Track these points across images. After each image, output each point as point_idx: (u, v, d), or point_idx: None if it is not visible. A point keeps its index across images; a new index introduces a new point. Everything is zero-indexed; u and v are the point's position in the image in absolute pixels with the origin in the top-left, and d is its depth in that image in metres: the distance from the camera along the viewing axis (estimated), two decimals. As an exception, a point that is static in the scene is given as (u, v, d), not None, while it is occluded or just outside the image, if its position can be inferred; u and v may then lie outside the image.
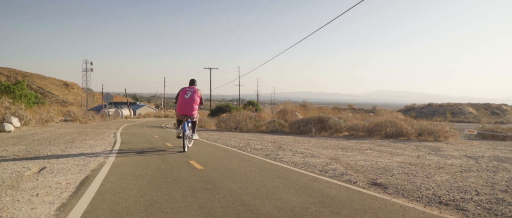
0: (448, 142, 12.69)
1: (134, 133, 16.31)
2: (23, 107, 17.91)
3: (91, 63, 63.91)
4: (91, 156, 7.72)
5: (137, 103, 68.82)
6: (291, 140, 13.12)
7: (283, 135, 16.82)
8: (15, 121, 16.76)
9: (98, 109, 53.19)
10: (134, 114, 57.92)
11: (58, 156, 7.60)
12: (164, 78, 71.46)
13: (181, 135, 8.94)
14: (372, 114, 21.74)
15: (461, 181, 5.63)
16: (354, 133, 16.39)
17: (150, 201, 4.02)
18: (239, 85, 49.57)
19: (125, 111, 57.81)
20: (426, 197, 4.58)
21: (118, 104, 65.22)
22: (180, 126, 8.91)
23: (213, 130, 20.09)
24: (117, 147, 9.77)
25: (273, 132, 18.91)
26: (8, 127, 14.54)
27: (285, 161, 7.54)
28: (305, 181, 5.41)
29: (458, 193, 4.78)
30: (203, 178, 5.47)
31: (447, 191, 4.92)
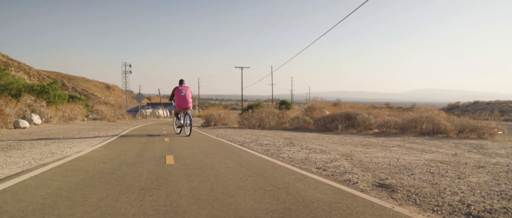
0: (494, 140, 10.71)
1: (147, 128, 15.74)
2: (44, 104, 17.93)
3: (130, 66, 65.71)
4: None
5: (173, 103, 69.73)
6: (310, 137, 11.76)
7: (307, 132, 15.43)
8: (36, 118, 16.76)
9: (136, 110, 54.30)
10: (169, 114, 58.52)
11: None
12: (198, 78, 72.00)
13: (181, 125, 11.29)
14: (411, 112, 19.72)
15: (505, 183, 4.10)
16: (386, 130, 14.64)
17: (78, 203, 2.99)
18: (272, 85, 48.41)
19: (161, 111, 58.71)
20: (449, 205, 3.18)
21: (155, 105, 66.45)
22: (180, 117, 11.34)
23: (234, 127, 19.08)
24: (107, 141, 8.99)
25: (297, 129, 17.55)
26: (23, 123, 14.43)
27: (282, 158, 6.30)
28: (287, 180, 4.17)
29: (498, 200, 3.32)
30: (159, 175, 4.40)
31: (483, 197, 3.46)
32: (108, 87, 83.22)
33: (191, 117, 11.07)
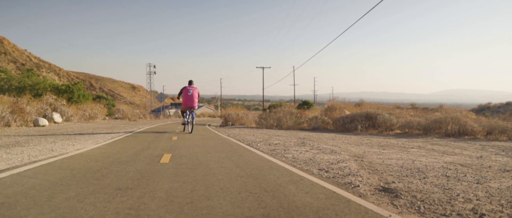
0: (528, 142, 9.85)
1: (163, 127, 15.69)
2: (65, 103, 18.26)
3: (154, 67, 66.78)
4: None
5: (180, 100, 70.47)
6: (326, 137, 11.26)
7: (325, 132, 14.90)
8: (57, 116, 17.06)
9: (160, 110, 55.09)
10: (192, 114, 59.21)
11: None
12: (220, 79, 72.25)
13: (185, 122, 12.00)
14: (438, 113, 18.73)
15: (531, 190, 3.56)
16: (408, 131, 13.90)
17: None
18: (294, 85, 47.79)
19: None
20: (458, 214, 2.73)
21: (178, 105, 67.28)
22: (185, 115, 11.92)
23: (251, 127, 18.76)
24: (118, 138, 8.87)
25: (315, 129, 17.03)
26: (42, 121, 14.69)
27: (285, 158, 5.91)
28: (280, 182, 3.80)
29: (520, 211, 2.82)
30: (145, 174, 4.13)
31: (501, 205, 2.97)
32: (133, 87, 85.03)
33: (194, 116, 11.98)
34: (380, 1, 12.25)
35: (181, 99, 12.04)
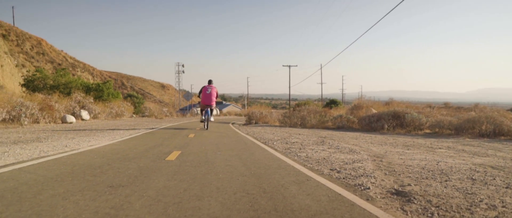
0: None
1: (186, 124, 15.75)
2: (92, 101, 18.73)
3: (183, 66, 67.80)
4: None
5: (223, 102, 70.84)
6: (349, 136, 10.82)
7: (349, 131, 14.40)
8: (85, 114, 17.53)
9: (188, 108, 55.83)
10: (219, 112, 59.56)
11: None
12: (247, 78, 72.25)
13: (204, 120, 12.49)
14: (473, 113, 17.67)
15: None
16: (438, 131, 13.15)
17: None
18: (321, 83, 46.92)
19: (213, 111, 59.82)
20: (478, 224, 2.36)
21: (206, 104, 67.98)
22: (204, 113, 12.46)
23: (274, 126, 18.48)
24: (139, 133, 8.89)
25: (339, 128, 16.51)
26: (70, 118, 15.10)
27: (298, 157, 5.62)
28: (283, 182, 3.54)
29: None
30: (145, 172, 3.99)
31: (531, 215, 2.56)
32: (163, 86, 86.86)
33: (209, 114, 12.53)
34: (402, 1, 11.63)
35: (200, 98, 12.63)
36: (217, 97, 12.56)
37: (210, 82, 12.63)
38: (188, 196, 2.90)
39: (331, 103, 38.19)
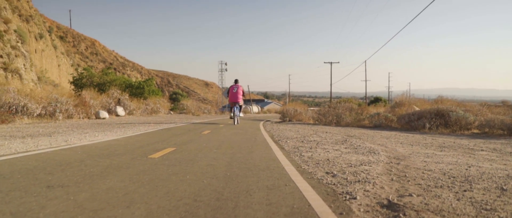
0: None
1: (217, 119, 15.55)
2: (127, 97, 19.13)
3: (226, 64, 68.50)
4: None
5: (265, 100, 70.70)
6: (380, 136, 9.87)
7: (386, 130, 13.30)
8: (120, 110, 17.94)
9: (230, 106, 56.29)
10: (259, 110, 59.38)
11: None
12: (289, 75, 71.26)
13: (232, 116, 13.82)
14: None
15: None
16: (488, 131, 11.66)
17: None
18: (366, 81, 44.77)
19: (254, 108, 59.80)
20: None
21: (247, 101, 68.19)
22: (232, 110, 13.68)
23: (307, 123, 17.70)
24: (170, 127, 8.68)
25: (376, 127, 15.36)
26: (103, 114, 15.47)
27: (300, 157, 5.00)
28: (253, 187, 2.98)
29: None
30: (112, 169, 3.63)
31: None
32: (206, 84, 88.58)
33: (237, 110, 13.59)
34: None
35: (227, 97, 14.03)
36: (243, 95, 13.69)
37: (236, 81, 13.81)
38: (119, 201, 2.43)
39: (375, 100, 36.42)
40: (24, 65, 23.23)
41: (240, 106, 13.92)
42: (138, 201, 2.45)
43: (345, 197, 2.76)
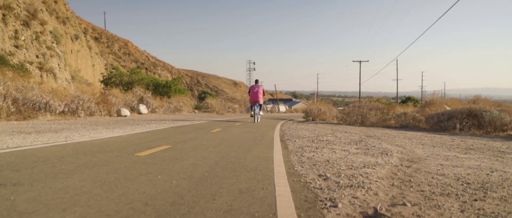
0: None
1: (237, 117, 15.32)
2: (150, 95, 19.29)
3: (254, 63, 68.44)
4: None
5: (293, 99, 69.94)
6: (402, 136, 9.21)
7: (412, 131, 12.51)
8: (143, 108, 18.13)
9: (251, 105, 56.05)
10: (286, 109, 58.79)
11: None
12: (317, 74, 70.01)
13: (252, 114, 14.44)
14: None
15: None
16: (527, 133, 10.68)
17: None
18: (397, 80, 43.05)
19: (282, 107, 59.35)
20: None
21: (274, 100, 67.70)
22: (252, 108, 14.42)
23: (330, 123, 17.08)
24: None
25: (403, 127, 14.52)
26: (124, 112, 15.63)
27: (300, 157, 4.59)
28: (223, 192, 2.65)
29: None
30: (83, 168, 3.41)
31: None
32: (235, 83, 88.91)
33: (257, 109, 14.26)
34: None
35: (249, 96, 14.73)
36: (263, 94, 14.42)
37: (256, 81, 14.75)
38: (63, 203, 2.17)
39: (407, 100, 35.00)
40: (58, 64, 24.12)
41: (260, 105, 14.52)
42: (82, 203, 2.18)
43: (325, 204, 2.36)
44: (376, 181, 3.19)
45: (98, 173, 3.09)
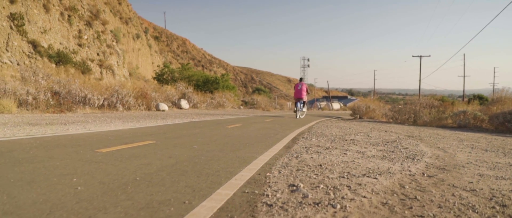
0: None
1: (280, 113, 14.66)
2: (191, 90, 19.25)
3: (308, 60, 66.99)
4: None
5: (348, 97, 67.21)
6: (452, 138, 7.81)
7: (471, 131, 10.81)
8: (184, 103, 18.15)
9: (311, 102, 54.72)
10: (340, 107, 56.63)
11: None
12: (374, 71, 66.50)
13: (295, 110, 14.85)
14: None
15: None
16: None
17: None
18: (464, 76, 38.96)
19: (335, 105, 57.32)
20: None
21: (328, 98, 65.64)
22: (296, 104, 14.87)
23: (378, 121, 15.61)
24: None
25: (461, 127, 12.70)
26: (162, 106, 15.67)
27: (289, 160, 3.77)
28: (162, 199, 1.96)
29: None
30: (51, 161, 2.92)
31: None
32: (289, 80, 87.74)
33: (300, 105, 14.77)
34: None
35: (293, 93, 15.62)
36: (307, 92, 15.01)
37: (301, 79, 15.52)
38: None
39: (475, 98, 31.57)
40: (117, 62, 25.32)
41: (304, 102, 15.08)
42: (18, 205, 1.65)
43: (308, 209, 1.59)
44: (364, 196, 2.31)
45: (56, 168, 2.59)
